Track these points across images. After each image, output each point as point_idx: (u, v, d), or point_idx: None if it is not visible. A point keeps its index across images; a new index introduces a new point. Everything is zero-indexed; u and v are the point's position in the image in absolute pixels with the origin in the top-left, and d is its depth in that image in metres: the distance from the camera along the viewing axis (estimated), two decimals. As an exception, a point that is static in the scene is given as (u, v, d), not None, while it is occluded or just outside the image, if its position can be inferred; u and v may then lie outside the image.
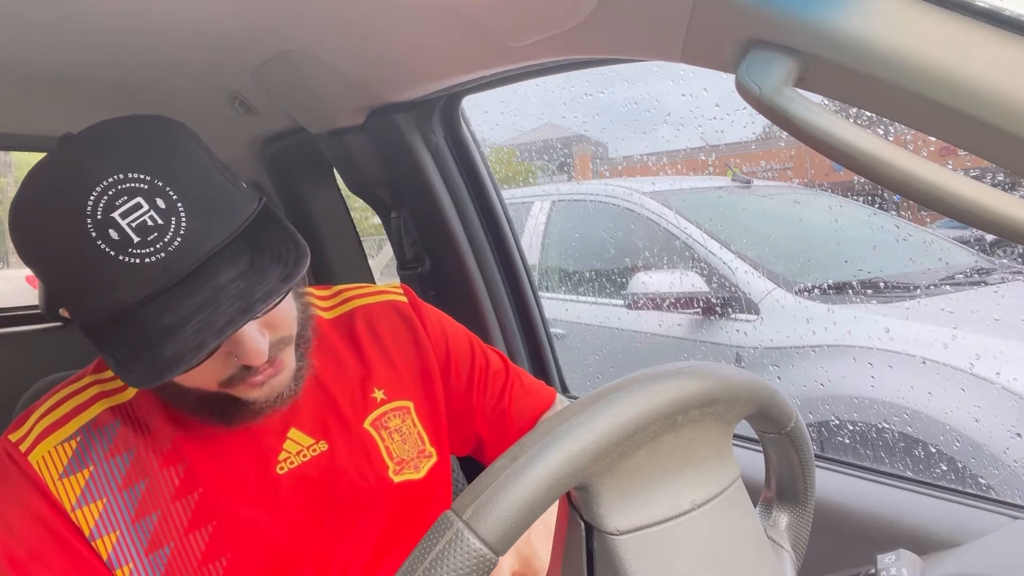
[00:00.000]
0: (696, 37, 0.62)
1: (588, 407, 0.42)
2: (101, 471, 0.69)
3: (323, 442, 0.77)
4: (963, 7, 0.43)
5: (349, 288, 0.90)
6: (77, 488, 0.68)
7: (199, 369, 0.61)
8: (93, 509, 0.68)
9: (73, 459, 0.69)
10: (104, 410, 0.72)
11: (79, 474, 0.68)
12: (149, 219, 0.55)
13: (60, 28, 0.91)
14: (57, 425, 0.70)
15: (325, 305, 0.87)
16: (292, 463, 0.75)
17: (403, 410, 0.83)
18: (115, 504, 0.68)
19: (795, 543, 0.60)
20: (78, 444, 0.69)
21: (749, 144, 3.29)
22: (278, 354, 0.66)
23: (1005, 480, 1.54)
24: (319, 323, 0.83)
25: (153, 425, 0.72)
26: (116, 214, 0.55)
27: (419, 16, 0.87)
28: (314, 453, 0.76)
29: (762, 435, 0.56)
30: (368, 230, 4.83)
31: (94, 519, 0.67)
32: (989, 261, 2.27)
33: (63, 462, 0.68)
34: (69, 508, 0.67)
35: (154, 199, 0.56)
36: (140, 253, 0.55)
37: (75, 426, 0.70)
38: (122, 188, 0.55)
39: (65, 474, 0.68)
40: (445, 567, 0.37)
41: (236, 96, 1.26)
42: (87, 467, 0.68)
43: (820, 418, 1.86)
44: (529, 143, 5.18)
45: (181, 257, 0.56)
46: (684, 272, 2.38)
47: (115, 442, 0.70)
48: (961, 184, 0.44)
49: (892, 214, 2.50)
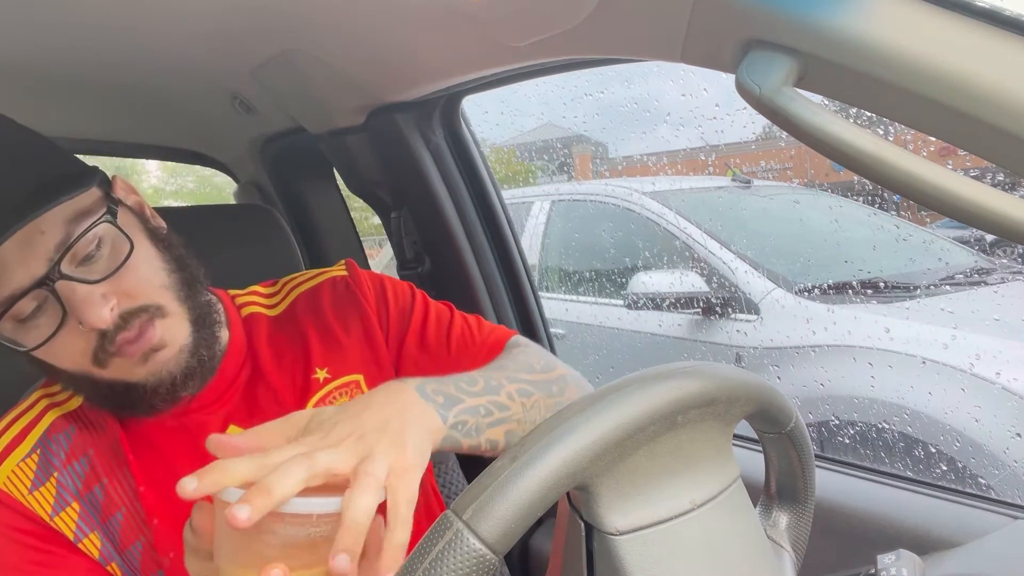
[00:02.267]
0: (696, 37, 0.62)
1: (588, 407, 0.42)
2: (65, 475, 0.69)
3: None
4: (963, 7, 0.43)
5: (293, 278, 0.89)
6: (50, 496, 0.68)
7: (60, 344, 0.62)
8: (71, 512, 0.68)
9: (38, 471, 0.69)
10: (56, 418, 0.72)
11: (48, 483, 0.69)
12: None
13: (60, 28, 0.91)
14: (14, 444, 0.70)
15: (269, 303, 0.86)
16: None
17: (352, 385, 0.80)
18: (86, 506, 0.69)
19: (795, 543, 0.60)
20: (40, 456, 0.70)
21: (749, 144, 3.29)
22: (140, 323, 0.65)
23: (1005, 480, 1.54)
24: (263, 322, 0.82)
25: (103, 427, 0.72)
26: None
27: (419, 16, 0.87)
28: None
29: (762, 435, 0.56)
30: (368, 230, 4.83)
31: (74, 521, 0.68)
32: (989, 261, 2.27)
33: (29, 477, 0.68)
34: (47, 517, 0.67)
35: None
36: None
37: (32, 440, 0.70)
38: None
39: (34, 487, 0.68)
40: (445, 567, 0.37)
41: (236, 96, 1.26)
42: (52, 474, 0.69)
43: (820, 418, 1.86)
44: (529, 143, 5.18)
45: None
46: (684, 272, 2.38)
47: (71, 448, 0.71)
48: (961, 184, 0.44)
49: (892, 214, 2.50)
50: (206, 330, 0.71)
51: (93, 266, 0.63)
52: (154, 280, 0.67)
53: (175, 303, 0.68)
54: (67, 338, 0.63)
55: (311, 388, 0.78)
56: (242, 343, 0.79)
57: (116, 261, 0.64)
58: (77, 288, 0.61)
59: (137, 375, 0.66)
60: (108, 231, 0.65)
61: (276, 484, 0.45)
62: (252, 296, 0.86)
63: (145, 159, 2.45)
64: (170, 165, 7.59)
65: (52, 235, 0.61)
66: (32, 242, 0.61)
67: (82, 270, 0.63)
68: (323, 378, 0.79)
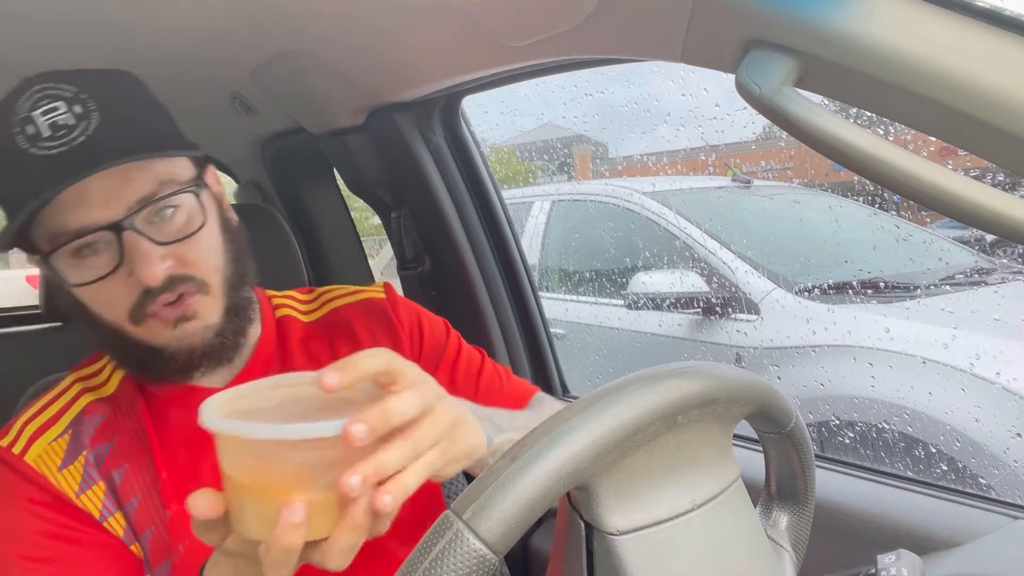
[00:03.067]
0: (696, 37, 0.62)
1: (588, 407, 0.42)
2: (92, 456, 0.72)
3: None
4: (963, 7, 0.43)
5: (330, 290, 0.90)
6: (77, 475, 0.71)
7: (105, 289, 0.66)
8: (97, 491, 0.71)
9: (69, 449, 0.72)
10: (90, 402, 0.75)
11: (76, 462, 0.71)
12: (62, 119, 0.63)
13: (60, 28, 0.91)
14: (48, 425, 0.73)
15: (305, 308, 0.88)
16: None
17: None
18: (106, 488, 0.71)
19: (795, 543, 0.60)
20: (71, 436, 0.73)
21: (749, 144, 3.29)
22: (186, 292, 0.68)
23: (1005, 480, 1.54)
24: (297, 326, 0.84)
25: (132, 413, 0.75)
26: (37, 112, 0.63)
27: (419, 16, 0.87)
28: None
29: (762, 435, 0.56)
30: (368, 230, 4.84)
31: (100, 500, 0.70)
32: (989, 261, 2.27)
33: (60, 455, 0.71)
34: (73, 495, 0.69)
35: (73, 105, 0.64)
36: (47, 147, 0.62)
37: (65, 422, 0.74)
38: (49, 94, 0.64)
39: (64, 465, 0.71)
40: (445, 567, 0.37)
41: (236, 96, 1.26)
42: (81, 452, 0.72)
43: (820, 418, 1.86)
44: (529, 143, 5.18)
45: (80, 152, 0.62)
46: (684, 272, 2.38)
47: (97, 432, 0.74)
48: (961, 184, 0.44)
49: (892, 214, 2.50)
50: (237, 320, 0.74)
51: (163, 227, 0.67)
52: (210, 259, 0.71)
53: (219, 286, 0.71)
54: (114, 285, 0.66)
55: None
56: (272, 341, 0.81)
57: (186, 231, 0.68)
58: (142, 242, 0.65)
59: (162, 338, 0.69)
60: (189, 202, 0.69)
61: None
62: (288, 300, 0.87)
63: (145, 159, 2.43)
64: (170, 165, 7.58)
65: (139, 187, 0.65)
66: (119, 187, 0.64)
67: (152, 228, 0.66)
68: None
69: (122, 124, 0.65)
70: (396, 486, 0.47)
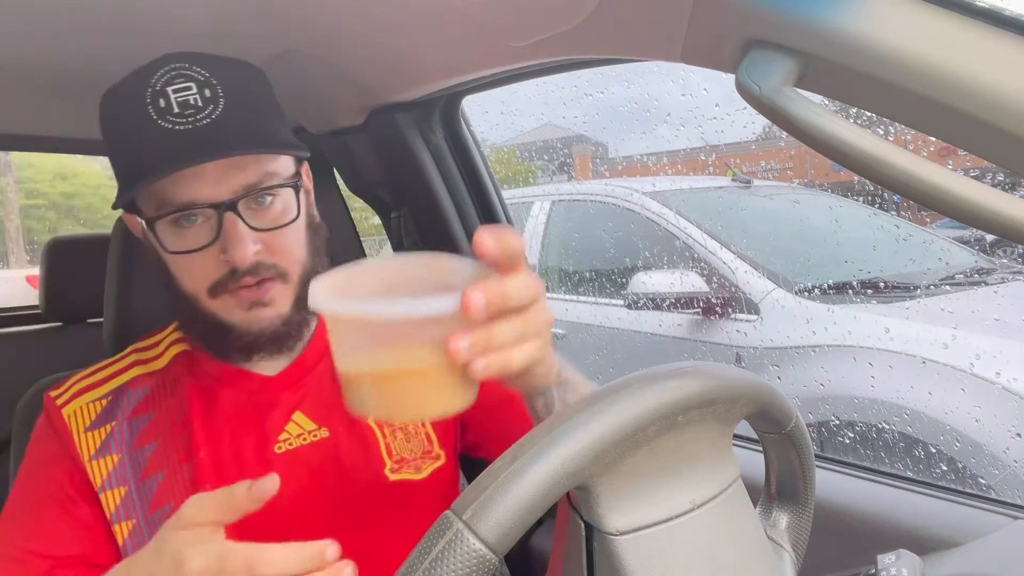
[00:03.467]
0: (696, 37, 0.62)
1: (588, 407, 0.42)
2: (122, 428, 0.76)
3: (324, 429, 0.79)
4: (963, 7, 0.43)
5: None
6: (98, 440, 0.74)
7: (195, 261, 0.70)
8: (108, 461, 0.74)
9: (101, 415, 0.76)
10: (138, 375, 0.79)
11: (102, 428, 0.75)
12: (192, 99, 0.68)
13: (60, 28, 0.91)
14: (94, 385, 0.78)
15: None
16: (291, 444, 0.77)
17: None
18: (128, 460, 0.74)
19: (795, 543, 0.60)
20: (108, 403, 0.77)
21: (749, 144, 3.29)
22: (268, 278, 0.72)
23: (1005, 480, 1.54)
24: None
25: (177, 392, 0.78)
26: (170, 88, 0.68)
27: (419, 16, 0.87)
28: (314, 439, 0.78)
29: (762, 435, 0.56)
30: (368, 230, 4.83)
31: (108, 470, 0.74)
32: (989, 261, 2.27)
33: (91, 417, 0.76)
34: (87, 458, 0.73)
35: (204, 88, 0.69)
36: (174, 122, 0.67)
37: (109, 387, 0.78)
38: (183, 73, 0.69)
39: (91, 428, 0.75)
40: (445, 567, 0.37)
41: (236, 96, 1.26)
42: (110, 422, 0.76)
43: (820, 418, 1.86)
44: (529, 143, 5.18)
45: (203, 133, 0.67)
46: (684, 272, 2.38)
47: (139, 404, 0.77)
48: (961, 184, 0.44)
49: (892, 214, 2.50)
50: (304, 311, 0.76)
51: (260, 214, 0.71)
52: (295, 252, 0.75)
53: (297, 277, 0.75)
54: (204, 258, 0.70)
55: None
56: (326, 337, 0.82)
57: (280, 221, 0.72)
58: (239, 224, 0.69)
59: (234, 317, 0.72)
60: (286, 195, 0.73)
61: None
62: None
63: (145, 159, 2.43)
64: (170, 165, 7.58)
65: (248, 175, 0.69)
66: (230, 171, 0.69)
67: (250, 213, 0.70)
68: None
69: (244, 114, 0.70)
70: (497, 357, 0.48)
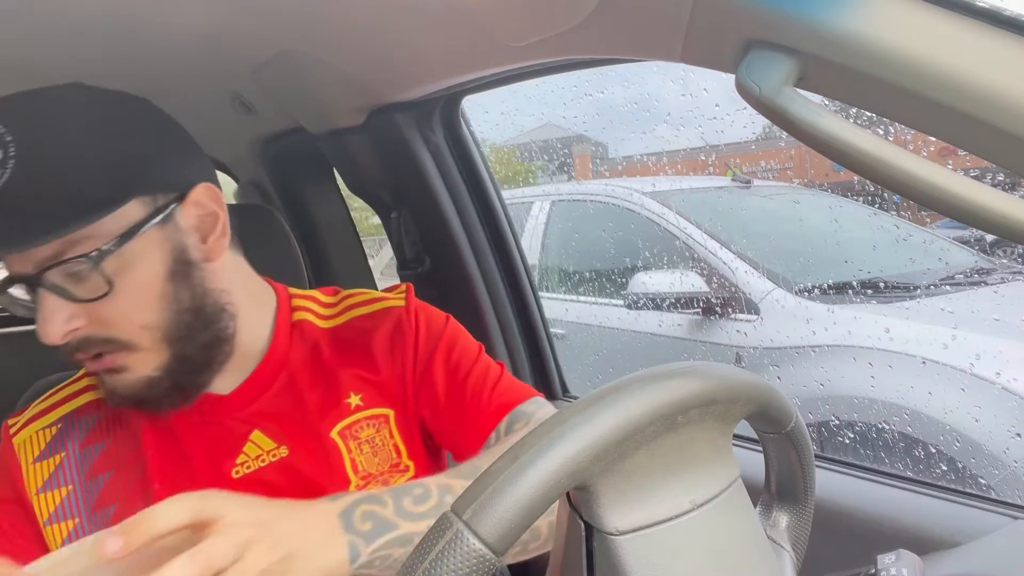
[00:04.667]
0: (696, 37, 0.62)
1: (588, 407, 0.42)
2: (72, 459, 0.71)
3: (284, 448, 0.74)
4: (963, 7, 0.43)
5: (352, 295, 0.86)
6: (46, 473, 0.70)
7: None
8: (56, 495, 0.70)
9: (50, 444, 0.72)
10: (89, 401, 0.75)
11: (51, 459, 0.71)
12: None
13: (60, 28, 0.91)
14: (46, 411, 0.74)
15: (326, 313, 0.84)
16: (249, 467, 0.73)
17: (380, 419, 0.78)
18: (78, 492, 0.70)
19: (795, 543, 0.60)
20: (58, 431, 0.72)
21: (749, 144, 3.29)
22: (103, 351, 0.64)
23: (1005, 480, 1.54)
24: (313, 332, 0.81)
25: (129, 419, 0.73)
26: None
27: (419, 16, 0.87)
28: (273, 459, 0.73)
29: (762, 435, 0.56)
30: (368, 230, 4.82)
31: (55, 504, 0.69)
32: (989, 261, 2.27)
33: (40, 446, 0.72)
34: (34, 492, 0.70)
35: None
36: None
37: (60, 413, 0.74)
38: None
39: (39, 459, 0.71)
40: (445, 567, 0.37)
41: (236, 96, 1.26)
42: (60, 453, 0.71)
43: (820, 418, 1.86)
44: (529, 143, 5.18)
45: None
46: (684, 272, 2.38)
47: (91, 432, 0.73)
48: (961, 184, 0.44)
49: (892, 214, 2.50)
50: (197, 363, 0.69)
51: (81, 283, 0.62)
52: (136, 319, 0.64)
53: (155, 342, 0.66)
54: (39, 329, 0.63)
55: (341, 413, 0.76)
56: (284, 350, 0.78)
57: (100, 290, 0.61)
58: (46, 299, 0.61)
59: (103, 383, 0.67)
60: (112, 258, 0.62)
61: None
62: (309, 301, 0.84)
63: (145, 159, 2.43)
64: (170, 165, 7.57)
65: (45, 250, 0.60)
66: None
67: (69, 282, 0.61)
68: (355, 405, 0.77)
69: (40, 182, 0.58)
70: None
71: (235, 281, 0.73)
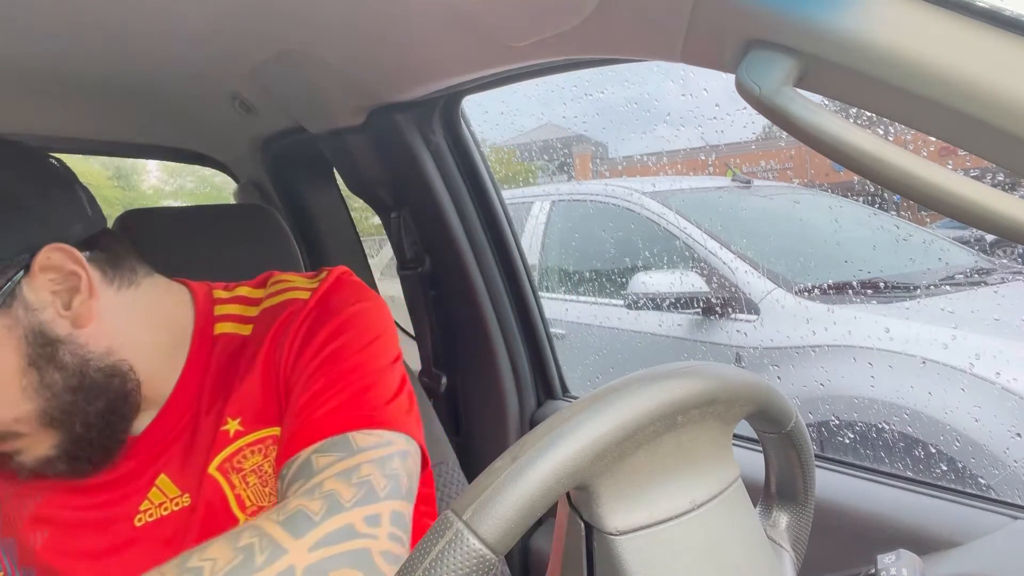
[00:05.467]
0: (696, 37, 0.62)
1: (588, 407, 0.42)
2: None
3: (187, 496, 0.66)
4: (963, 7, 0.43)
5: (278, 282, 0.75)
6: None
7: None
8: None
9: None
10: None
11: None
12: None
13: (60, 28, 0.91)
14: None
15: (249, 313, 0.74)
16: (152, 515, 0.66)
17: (265, 442, 0.67)
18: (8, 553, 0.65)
19: (795, 543, 0.60)
20: None
21: (749, 144, 3.29)
22: None
23: (1005, 480, 1.54)
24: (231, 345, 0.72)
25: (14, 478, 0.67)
26: None
27: (419, 16, 0.87)
28: (176, 507, 0.66)
29: (762, 435, 0.56)
30: (368, 230, 4.82)
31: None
32: (989, 261, 2.27)
33: None
34: None
35: None
36: None
37: None
38: None
39: None
40: (445, 567, 0.37)
41: (236, 96, 1.26)
42: None
43: (820, 418, 1.86)
44: (529, 143, 5.17)
45: None
46: (684, 272, 2.38)
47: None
48: (961, 184, 0.44)
49: (892, 214, 2.50)
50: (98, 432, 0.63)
51: None
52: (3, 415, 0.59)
53: (37, 429, 0.61)
54: None
55: (219, 444, 0.67)
56: (197, 378, 0.69)
57: None
58: None
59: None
60: None
61: None
62: (235, 305, 0.74)
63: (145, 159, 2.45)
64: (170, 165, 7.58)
65: None
66: None
67: None
68: (234, 431, 0.67)
69: None
70: None
71: (128, 329, 0.65)
